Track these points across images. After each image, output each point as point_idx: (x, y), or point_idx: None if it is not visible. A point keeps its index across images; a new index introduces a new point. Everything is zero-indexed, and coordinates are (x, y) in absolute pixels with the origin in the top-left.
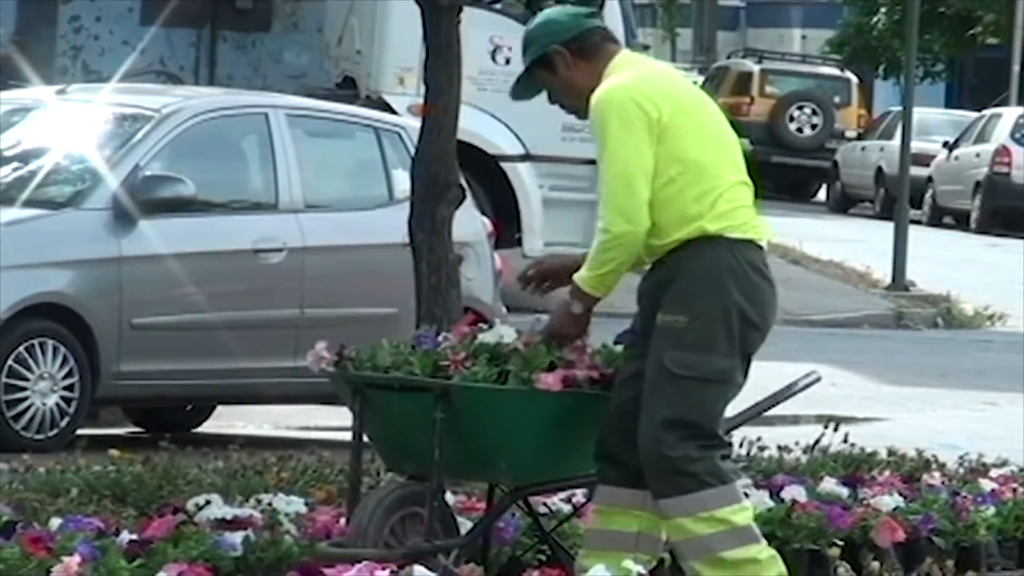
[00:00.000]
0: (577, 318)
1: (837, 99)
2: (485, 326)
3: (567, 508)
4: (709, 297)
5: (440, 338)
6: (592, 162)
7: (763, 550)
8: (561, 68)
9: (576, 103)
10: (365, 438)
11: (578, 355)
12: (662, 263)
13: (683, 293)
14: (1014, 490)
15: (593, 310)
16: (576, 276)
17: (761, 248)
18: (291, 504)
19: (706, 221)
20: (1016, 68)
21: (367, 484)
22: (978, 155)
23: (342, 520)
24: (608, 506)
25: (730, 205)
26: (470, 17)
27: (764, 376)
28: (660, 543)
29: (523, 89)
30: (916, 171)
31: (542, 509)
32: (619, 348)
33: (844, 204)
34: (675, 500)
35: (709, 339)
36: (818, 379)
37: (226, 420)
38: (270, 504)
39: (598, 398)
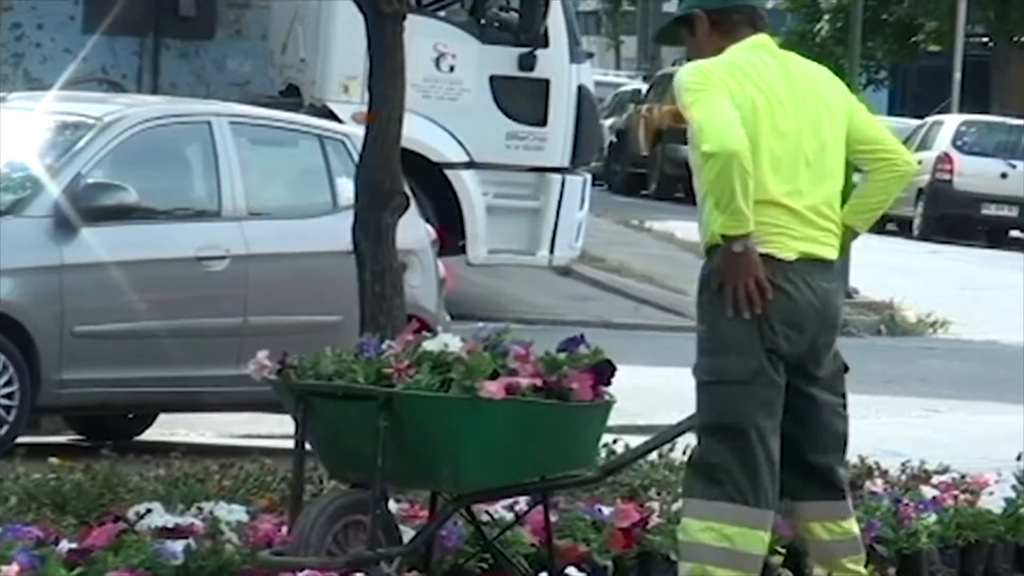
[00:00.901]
0: (739, 257)
1: None
2: (429, 334)
3: (509, 516)
4: (719, 305)
5: (384, 346)
6: (535, 170)
7: None
8: (699, 32)
9: None
10: (308, 446)
11: (521, 363)
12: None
13: (700, 302)
14: (956, 497)
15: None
16: (715, 227)
17: (779, 260)
18: (233, 512)
19: (719, 228)
20: (958, 75)
21: (310, 492)
22: (920, 162)
23: (284, 528)
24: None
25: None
26: (414, 25)
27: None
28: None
29: (664, 35)
30: (859, 178)
31: (484, 517)
32: (562, 355)
33: None
34: (696, 502)
35: (723, 341)
36: None
37: (168, 428)
38: (212, 512)
39: (541, 406)
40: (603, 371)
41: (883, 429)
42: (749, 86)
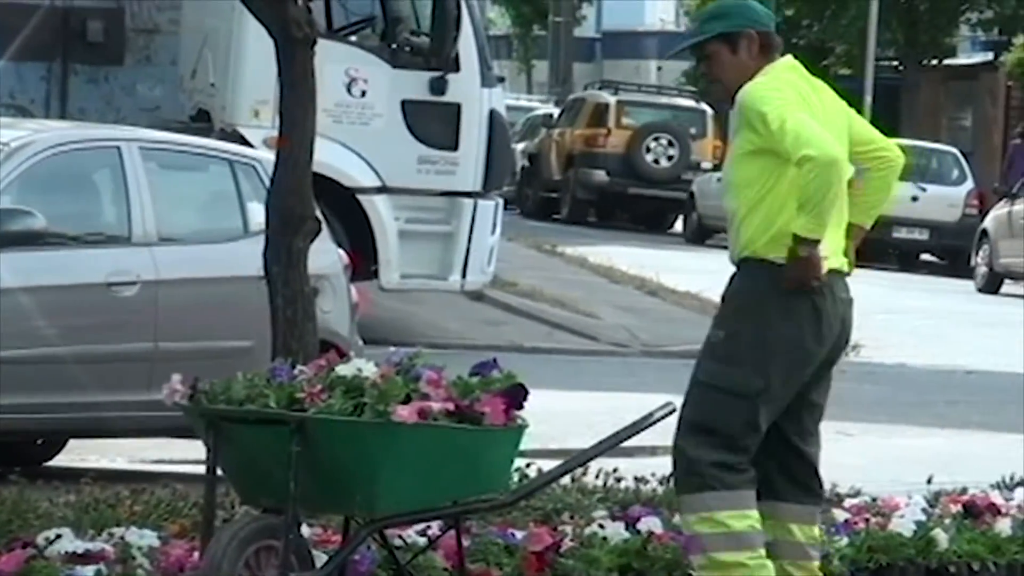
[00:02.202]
0: (810, 260)
1: (693, 130)
2: (342, 359)
3: (422, 541)
4: (747, 318)
5: (296, 371)
6: (447, 194)
7: (754, 557)
8: (743, 50)
9: (733, 86)
10: (219, 471)
11: (433, 387)
12: (735, 275)
13: (726, 309)
14: (867, 520)
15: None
16: (794, 228)
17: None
18: (144, 537)
19: (761, 245)
20: (868, 98)
21: (221, 517)
22: None
23: (196, 554)
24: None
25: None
26: (325, 50)
27: (620, 407)
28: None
29: (687, 50)
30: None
31: (397, 542)
32: (475, 380)
33: (701, 235)
34: (686, 497)
35: (738, 356)
36: (673, 410)
37: (78, 454)
38: (123, 538)
39: (453, 430)
40: (515, 395)
41: None
42: (806, 105)
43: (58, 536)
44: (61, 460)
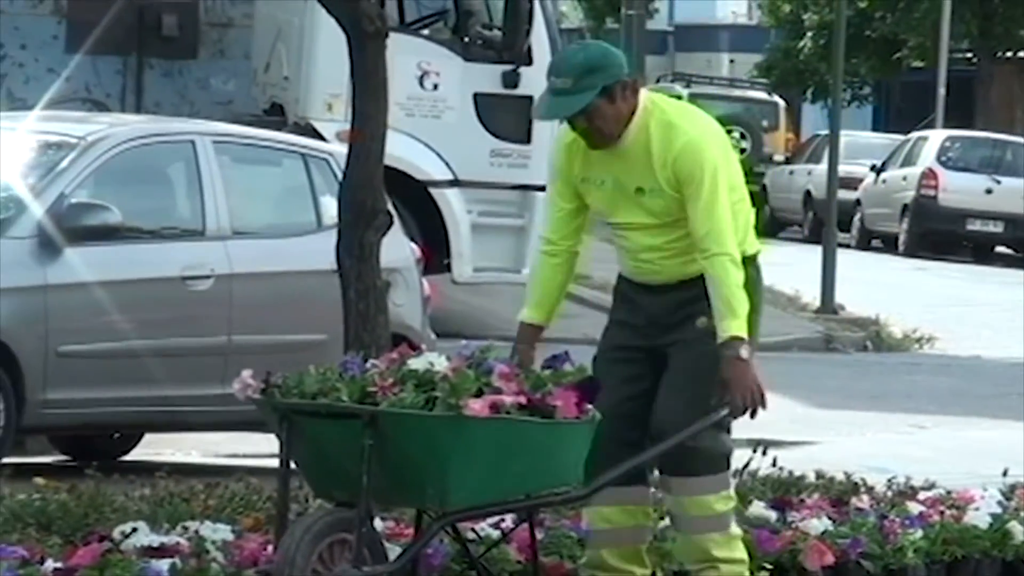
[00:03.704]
0: (749, 364)
1: (765, 123)
2: (414, 353)
3: (496, 534)
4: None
5: (368, 364)
6: (519, 187)
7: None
8: (618, 98)
9: (615, 131)
10: (293, 465)
11: (505, 381)
12: (699, 280)
13: (702, 337)
14: (941, 513)
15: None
16: (731, 330)
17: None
18: (218, 531)
19: (747, 244)
20: (942, 91)
21: (295, 511)
22: (905, 178)
23: (270, 547)
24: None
25: (750, 225)
26: (397, 43)
27: None
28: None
29: (565, 109)
30: (844, 194)
31: (471, 535)
32: (547, 373)
33: (773, 228)
34: (709, 479)
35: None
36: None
37: (154, 448)
38: (197, 532)
39: (525, 424)
40: (588, 388)
41: (869, 445)
42: None
43: (134, 530)
44: (137, 454)
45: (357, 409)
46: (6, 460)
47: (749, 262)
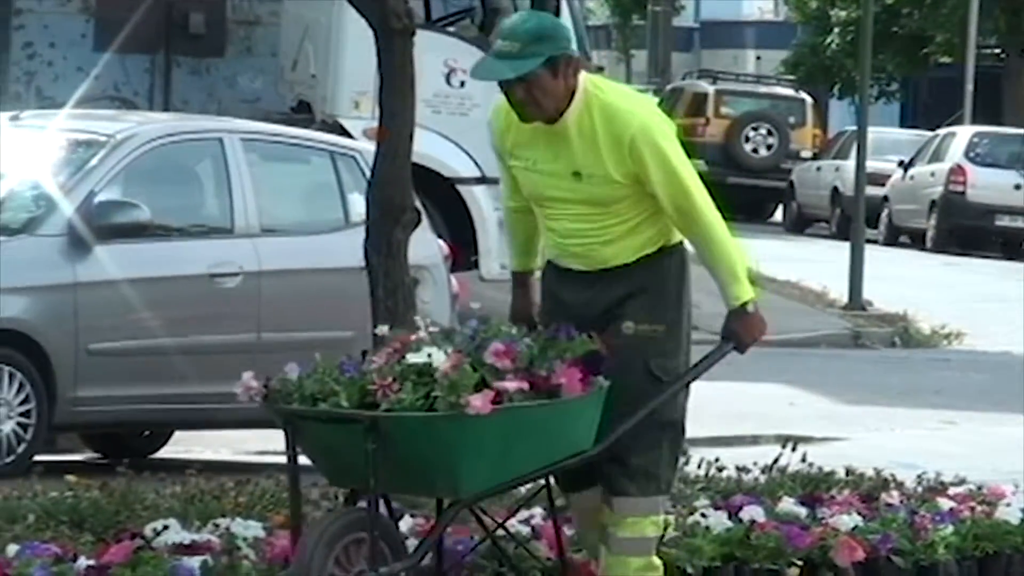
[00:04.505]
0: (756, 314)
1: (792, 119)
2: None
3: (526, 531)
4: (677, 305)
5: (365, 362)
6: None
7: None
8: (561, 73)
9: (554, 107)
10: (303, 460)
11: (500, 359)
12: (625, 273)
13: (656, 303)
14: (972, 509)
15: None
16: (740, 297)
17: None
18: (249, 528)
19: (674, 232)
20: (969, 87)
21: (325, 507)
22: (933, 174)
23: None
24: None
25: None
26: (424, 40)
27: (718, 396)
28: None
29: (507, 72)
30: (872, 191)
31: (499, 532)
32: (543, 340)
33: (800, 224)
34: (645, 500)
35: (680, 344)
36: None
37: (184, 445)
38: (228, 529)
39: (531, 408)
40: (591, 362)
41: (898, 441)
42: None
43: (165, 527)
44: (167, 452)
45: (357, 415)
46: (38, 458)
47: (675, 250)
